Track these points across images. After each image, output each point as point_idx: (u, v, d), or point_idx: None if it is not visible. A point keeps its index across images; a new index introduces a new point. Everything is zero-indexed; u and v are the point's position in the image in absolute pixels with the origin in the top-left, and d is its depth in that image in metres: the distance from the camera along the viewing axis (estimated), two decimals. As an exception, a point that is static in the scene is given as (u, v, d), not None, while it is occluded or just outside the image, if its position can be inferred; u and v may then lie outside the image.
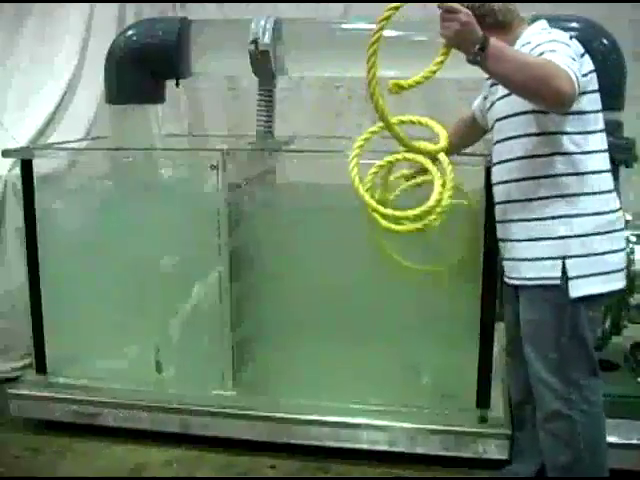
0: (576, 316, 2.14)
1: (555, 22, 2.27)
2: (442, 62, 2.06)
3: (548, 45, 2.02)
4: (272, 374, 2.99)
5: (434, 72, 2.08)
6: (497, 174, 2.28)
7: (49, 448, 2.92)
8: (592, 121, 2.12)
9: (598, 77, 2.14)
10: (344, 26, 3.19)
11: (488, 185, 2.56)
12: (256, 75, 3.10)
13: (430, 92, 3.80)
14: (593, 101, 2.13)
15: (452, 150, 2.45)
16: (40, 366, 3.10)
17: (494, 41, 1.94)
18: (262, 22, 2.97)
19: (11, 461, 2.84)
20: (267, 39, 2.95)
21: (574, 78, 1.92)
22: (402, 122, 2.45)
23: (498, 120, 2.24)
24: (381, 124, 2.24)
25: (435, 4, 1.97)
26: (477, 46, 1.93)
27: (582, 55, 2.08)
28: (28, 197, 3.01)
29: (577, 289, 2.11)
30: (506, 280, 2.32)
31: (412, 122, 2.50)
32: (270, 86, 3.17)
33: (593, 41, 2.55)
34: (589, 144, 2.11)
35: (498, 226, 2.31)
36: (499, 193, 2.27)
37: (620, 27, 2.79)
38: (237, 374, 2.94)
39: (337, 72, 3.47)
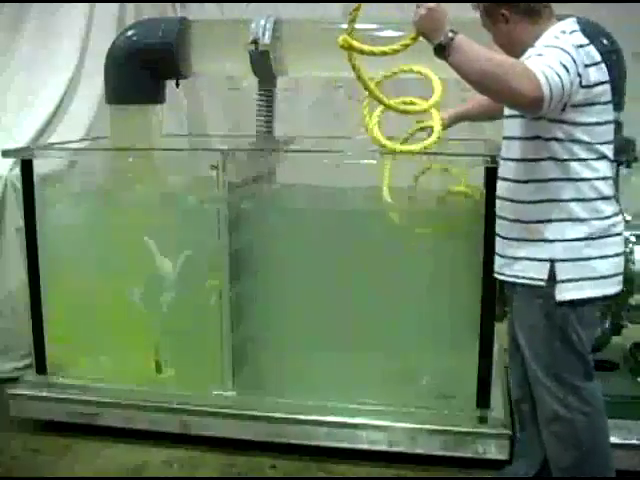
0: (564, 320, 2.13)
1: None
2: (406, 45, 2.08)
3: (540, 49, 2.01)
4: (272, 374, 2.99)
5: (394, 51, 2.08)
6: (499, 171, 2.30)
7: (49, 448, 2.92)
8: (600, 132, 2.09)
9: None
10: (344, 26, 3.18)
11: (488, 186, 2.57)
12: (256, 75, 3.10)
13: (430, 92, 3.80)
14: (603, 112, 2.09)
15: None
16: (40, 366, 3.10)
17: (461, 37, 1.95)
18: (262, 22, 2.97)
19: (11, 461, 2.84)
20: (267, 39, 2.95)
21: (543, 81, 1.88)
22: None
23: (505, 118, 2.24)
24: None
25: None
26: (442, 38, 1.94)
27: (589, 65, 2.03)
28: (28, 197, 3.01)
29: (563, 293, 2.11)
30: (495, 275, 2.31)
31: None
32: (270, 86, 3.17)
33: (593, 41, 2.54)
34: (590, 153, 2.09)
35: (496, 220, 2.31)
36: (498, 189, 2.29)
37: (620, 27, 2.79)
38: (237, 374, 2.94)
39: (337, 72, 3.46)
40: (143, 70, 3.10)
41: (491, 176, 2.55)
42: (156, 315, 3.04)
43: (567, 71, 1.95)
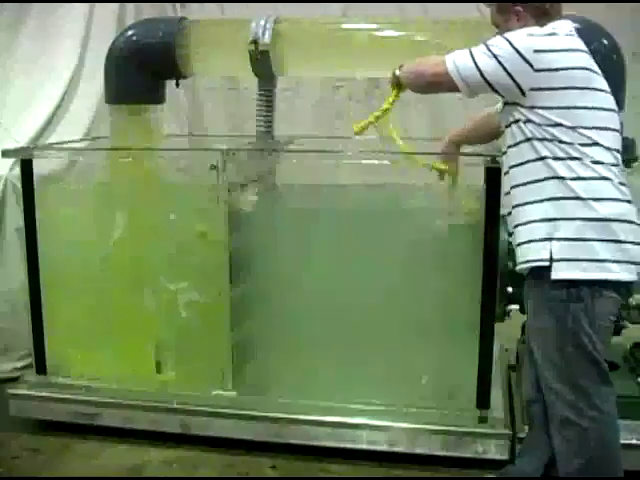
0: (574, 321, 2.10)
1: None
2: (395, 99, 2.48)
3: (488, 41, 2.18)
4: (272, 374, 2.99)
5: (388, 108, 2.47)
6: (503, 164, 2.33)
7: (49, 448, 2.91)
8: (581, 116, 2.11)
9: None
10: (344, 26, 3.19)
11: (488, 185, 2.57)
12: (256, 75, 3.10)
13: (430, 95, 3.79)
14: (581, 96, 2.11)
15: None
16: (40, 366, 3.10)
17: (403, 68, 2.39)
18: (262, 22, 2.97)
19: (11, 461, 2.84)
20: (267, 39, 2.95)
21: (449, 63, 2.18)
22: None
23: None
24: None
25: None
26: (396, 70, 2.41)
27: (546, 51, 2.09)
28: (28, 197, 3.01)
29: (558, 271, 2.08)
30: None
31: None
32: (270, 86, 3.17)
33: (593, 41, 2.54)
34: (575, 137, 2.10)
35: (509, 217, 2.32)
36: (505, 182, 2.31)
37: (620, 27, 2.80)
38: (237, 374, 2.94)
39: (337, 72, 3.47)
40: (143, 70, 3.10)
41: (491, 176, 2.56)
42: (156, 315, 3.04)
43: (495, 57, 2.11)
